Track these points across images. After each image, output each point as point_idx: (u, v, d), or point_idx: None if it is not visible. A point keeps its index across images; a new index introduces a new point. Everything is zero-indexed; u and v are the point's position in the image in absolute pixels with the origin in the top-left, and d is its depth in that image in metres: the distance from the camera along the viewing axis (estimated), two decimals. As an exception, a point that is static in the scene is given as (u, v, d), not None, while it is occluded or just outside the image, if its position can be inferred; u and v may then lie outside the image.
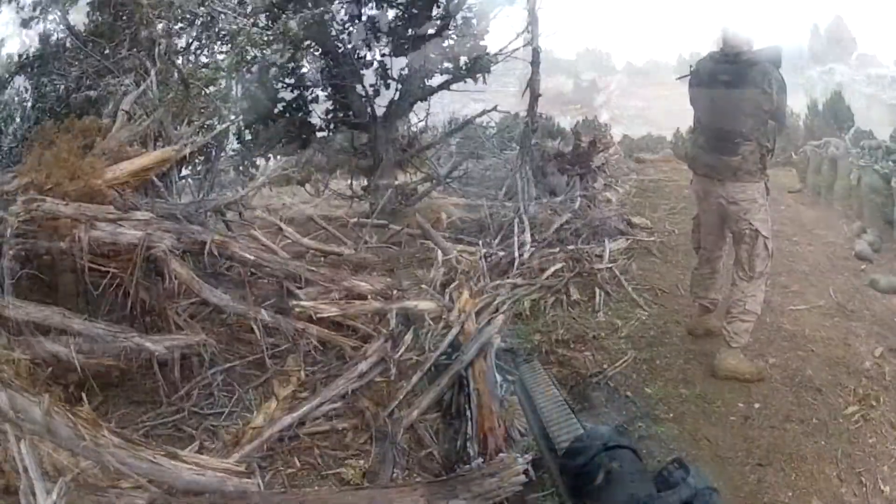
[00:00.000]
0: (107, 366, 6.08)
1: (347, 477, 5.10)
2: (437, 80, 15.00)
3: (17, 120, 11.82)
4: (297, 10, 12.15)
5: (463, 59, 14.56)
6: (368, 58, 14.77)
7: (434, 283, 7.67)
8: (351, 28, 14.42)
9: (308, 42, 13.62)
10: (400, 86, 14.53)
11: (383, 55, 14.66)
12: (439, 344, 6.48)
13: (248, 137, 14.39)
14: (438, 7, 14.33)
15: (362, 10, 14.46)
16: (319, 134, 15.03)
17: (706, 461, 5.31)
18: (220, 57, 11.33)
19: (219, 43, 11.50)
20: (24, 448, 4.04)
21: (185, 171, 12.62)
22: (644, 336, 7.25)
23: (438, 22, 14.40)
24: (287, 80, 14.11)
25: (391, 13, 14.59)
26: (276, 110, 13.85)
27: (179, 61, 10.98)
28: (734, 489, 5.05)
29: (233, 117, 10.27)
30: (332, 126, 14.99)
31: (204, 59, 11.78)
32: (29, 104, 11.78)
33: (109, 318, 6.28)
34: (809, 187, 13.60)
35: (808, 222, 11.46)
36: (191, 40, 11.81)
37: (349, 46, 14.17)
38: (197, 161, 13.03)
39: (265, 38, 10.68)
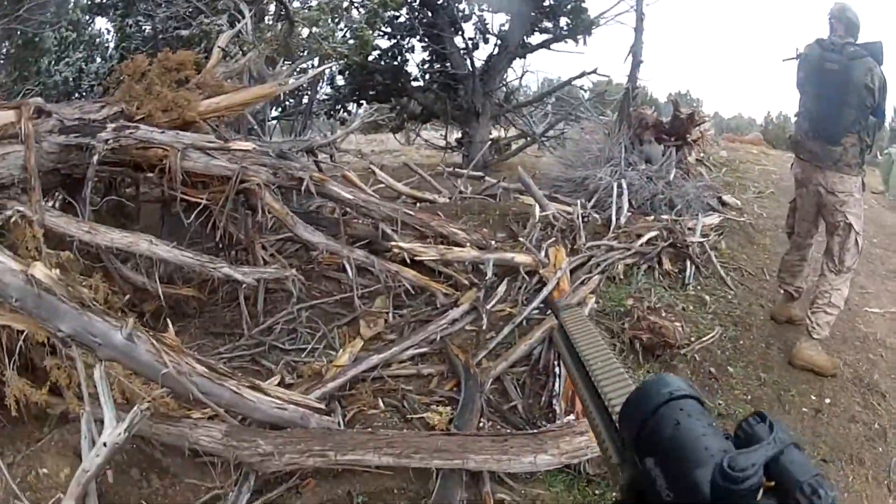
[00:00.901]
0: (185, 296, 6.18)
1: (433, 422, 5.00)
2: (536, 38, 14.86)
3: (98, 59, 11.88)
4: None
5: (564, 20, 14.35)
6: (467, 11, 14.64)
7: (530, 237, 7.49)
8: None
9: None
10: (499, 41, 14.38)
11: (482, 9, 14.53)
12: (532, 298, 6.36)
13: (342, 83, 14.38)
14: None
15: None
16: (415, 84, 14.98)
17: None
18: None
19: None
20: (97, 373, 3.90)
21: (275, 113, 12.65)
22: (730, 315, 7.16)
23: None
24: (384, 29, 14.03)
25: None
26: (371, 58, 13.74)
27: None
28: None
29: (331, 61, 10.06)
30: (427, 76, 14.92)
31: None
32: (112, 45, 11.82)
33: (196, 249, 6.17)
34: (892, 190, 13.36)
35: (890, 225, 11.22)
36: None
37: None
38: (289, 103, 13.01)
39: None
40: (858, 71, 5.96)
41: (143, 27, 11.46)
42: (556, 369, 5.44)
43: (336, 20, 10.45)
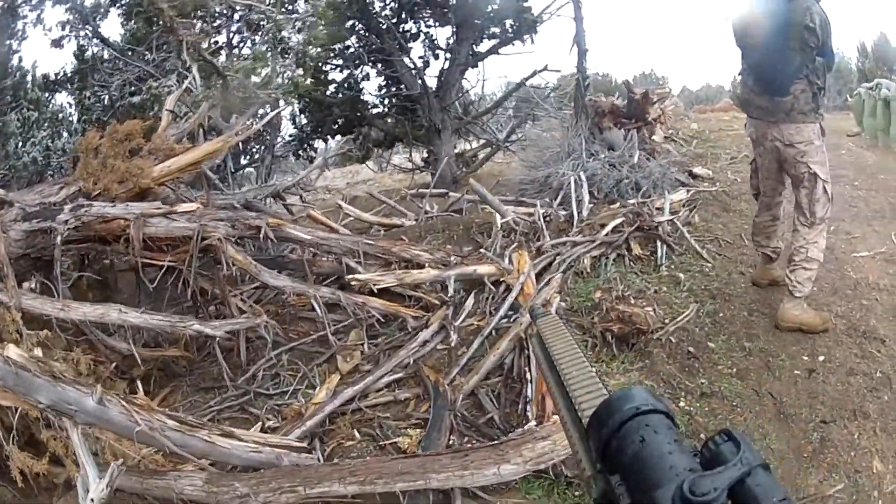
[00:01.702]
0: (171, 356, 6.28)
1: (404, 446, 5.10)
2: (485, 45, 15.00)
3: (65, 134, 12.10)
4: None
5: (508, 22, 14.52)
6: (413, 30, 14.81)
7: (494, 246, 7.58)
8: (391, 2, 14.43)
9: (352, 21, 13.71)
10: (448, 55, 14.54)
11: (428, 26, 14.69)
12: (500, 307, 6.41)
13: (304, 122, 14.55)
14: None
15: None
16: (374, 110, 15.12)
17: (769, 419, 5.31)
18: (265, 48, 11.45)
19: (257, 34, 11.65)
20: (75, 437, 4.14)
21: (244, 161, 12.87)
22: (707, 289, 7.08)
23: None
24: (335, 62, 14.21)
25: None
26: (328, 92, 13.94)
27: (223, 58, 11.13)
28: (797, 450, 5.02)
29: (282, 103, 10.26)
30: (384, 102, 15.07)
31: (247, 52, 11.96)
32: (74, 118, 12.05)
33: (174, 310, 6.46)
34: (867, 131, 13.37)
35: (869, 166, 11.23)
36: (231, 35, 11.97)
37: (392, 21, 14.19)
38: (254, 151, 13.22)
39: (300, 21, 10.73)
40: (796, 13, 5.82)
41: (102, 97, 11.66)
42: (528, 375, 5.47)
43: (266, 66, 10.63)
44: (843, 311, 6.59)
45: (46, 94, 13.18)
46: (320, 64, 13.68)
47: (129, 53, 10.61)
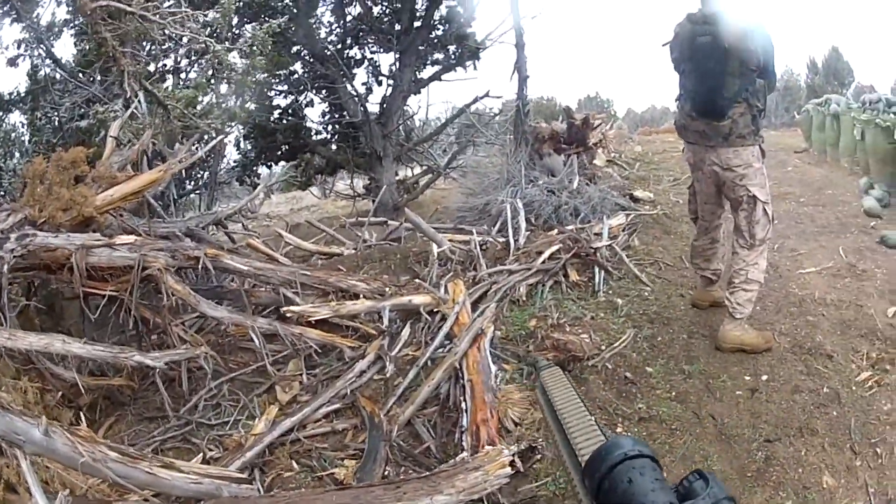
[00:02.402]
0: (116, 385, 6.33)
1: (340, 477, 5.12)
2: (429, 71, 15.12)
3: (17, 155, 12.08)
4: (267, 17, 12.32)
5: (451, 49, 14.68)
6: (358, 56, 14.91)
7: (430, 275, 7.67)
8: (337, 28, 14.54)
9: (297, 47, 13.79)
10: (391, 81, 14.66)
11: (372, 52, 14.81)
12: (435, 337, 6.47)
13: (248, 147, 14.56)
14: (423, -2, 14.48)
15: (347, 10, 14.56)
16: (317, 137, 15.18)
17: (711, 441, 5.27)
18: (206, 76, 11.50)
19: (201, 61, 11.66)
20: (24, 466, 4.19)
21: (189, 187, 12.88)
22: (646, 313, 7.11)
23: (424, 13, 14.50)
24: (279, 88, 14.28)
25: (376, 10, 14.69)
26: (272, 118, 14.01)
27: (169, 83, 11.14)
28: (741, 469, 4.98)
29: (226, 130, 10.28)
30: (327, 128, 15.13)
31: (193, 76, 11.98)
32: (26, 139, 12.01)
33: (118, 338, 6.52)
34: (815, 146, 13.61)
35: (816, 181, 11.41)
36: (179, 59, 11.99)
37: (337, 47, 14.29)
38: (199, 176, 13.24)
39: (234, 51, 10.75)
40: (736, 37, 5.76)
41: (52, 118, 11.64)
42: (463, 405, 5.51)
43: (206, 94, 10.65)
44: (787, 329, 6.65)
45: (0, 114, 13.14)
46: (265, 90, 13.75)
47: (80, 76, 10.57)
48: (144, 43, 10.29)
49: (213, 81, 10.96)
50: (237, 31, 12.44)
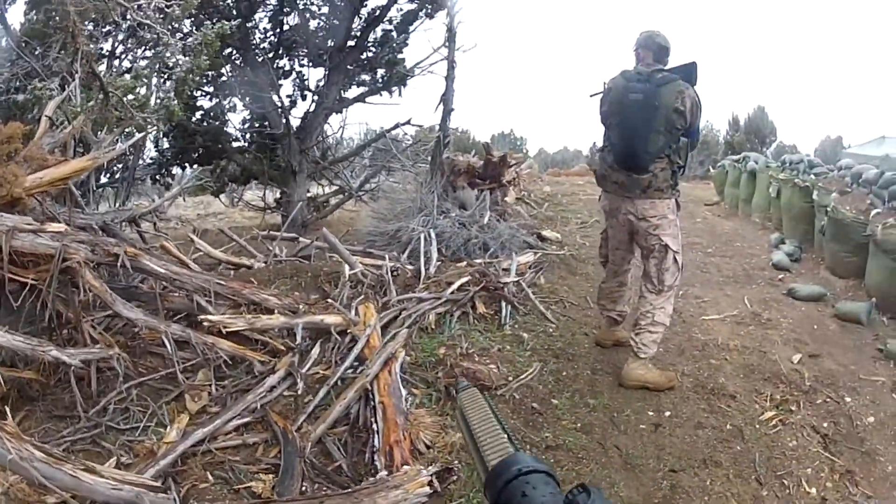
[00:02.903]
0: (27, 378, 6.17)
1: (258, 491, 5.16)
2: (353, 91, 15.21)
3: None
4: (220, 18, 12.26)
5: (380, 72, 14.80)
6: (287, 67, 14.91)
7: (341, 296, 7.76)
8: (271, 36, 14.54)
9: (230, 49, 13.74)
10: (316, 97, 14.70)
11: (302, 65, 14.82)
12: (345, 358, 6.54)
13: (166, 146, 14.40)
14: (360, 18, 14.52)
15: (285, 20, 14.57)
16: (235, 144, 15.11)
17: (617, 469, 5.45)
18: (143, 63, 11.38)
19: (142, 49, 11.54)
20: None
21: (104, 180, 12.66)
22: (551, 348, 7.32)
23: (358, 34, 14.60)
24: (206, 89, 14.20)
25: (313, 23, 14.72)
26: (193, 119, 13.92)
27: (103, 67, 10.96)
28: (647, 496, 5.16)
29: (151, 126, 10.19)
30: (247, 136, 15.07)
31: (127, 65, 11.84)
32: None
33: (30, 330, 6.28)
34: (727, 200, 14.24)
35: (725, 233, 11.87)
36: (116, 45, 11.85)
37: (269, 56, 14.29)
38: (115, 169, 13.05)
39: (187, 47, 10.69)
40: (667, 96, 6.03)
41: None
42: (374, 426, 5.60)
43: (146, 87, 10.57)
44: (690, 371, 6.93)
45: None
46: (193, 90, 13.68)
47: (24, 45, 10.34)
48: (88, 23, 10.12)
49: (154, 74, 10.82)
50: (190, 28, 12.42)
